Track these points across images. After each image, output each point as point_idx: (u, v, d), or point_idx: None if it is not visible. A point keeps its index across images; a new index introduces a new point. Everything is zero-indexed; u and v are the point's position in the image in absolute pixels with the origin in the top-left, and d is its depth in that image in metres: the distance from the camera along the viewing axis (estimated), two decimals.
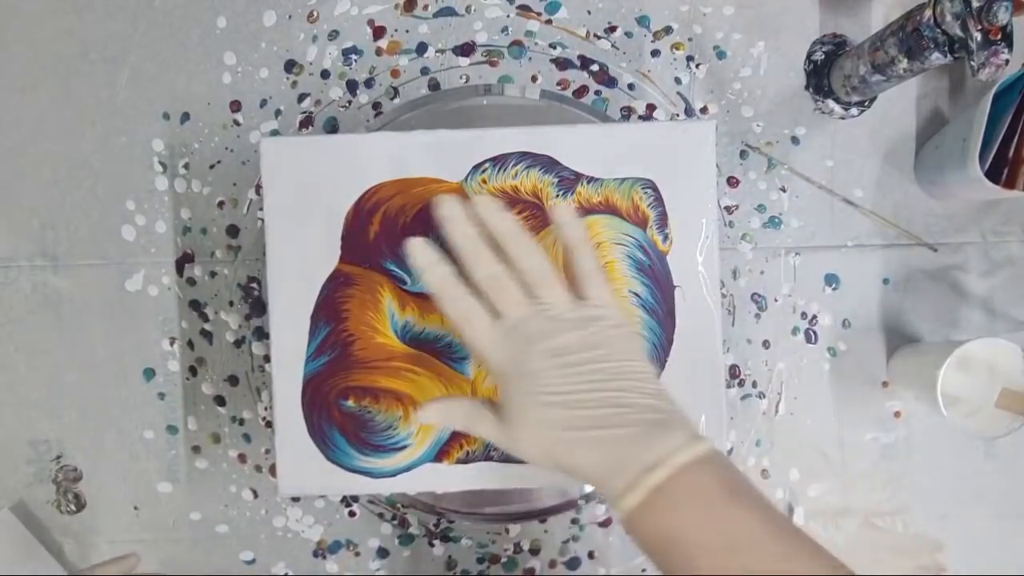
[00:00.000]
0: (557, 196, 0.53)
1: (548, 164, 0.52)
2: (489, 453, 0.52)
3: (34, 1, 0.58)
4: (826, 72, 0.58)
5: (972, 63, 0.44)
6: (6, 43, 0.59)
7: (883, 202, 0.59)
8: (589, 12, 0.60)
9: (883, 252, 0.59)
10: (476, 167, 0.52)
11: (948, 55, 0.46)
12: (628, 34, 0.60)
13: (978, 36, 0.43)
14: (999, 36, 0.43)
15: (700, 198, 0.53)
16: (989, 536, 0.60)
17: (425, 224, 0.52)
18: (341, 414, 0.52)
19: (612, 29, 0.60)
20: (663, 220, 0.53)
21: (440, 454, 0.52)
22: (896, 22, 0.49)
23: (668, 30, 0.59)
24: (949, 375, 0.51)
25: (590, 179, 0.53)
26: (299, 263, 0.52)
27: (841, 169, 0.60)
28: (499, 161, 0.52)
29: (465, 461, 0.52)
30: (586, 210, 0.53)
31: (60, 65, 0.59)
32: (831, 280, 0.60)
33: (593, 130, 0.53)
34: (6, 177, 0.60)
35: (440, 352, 0.52)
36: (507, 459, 0.52)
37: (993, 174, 0.50)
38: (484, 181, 0.52)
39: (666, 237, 0.53)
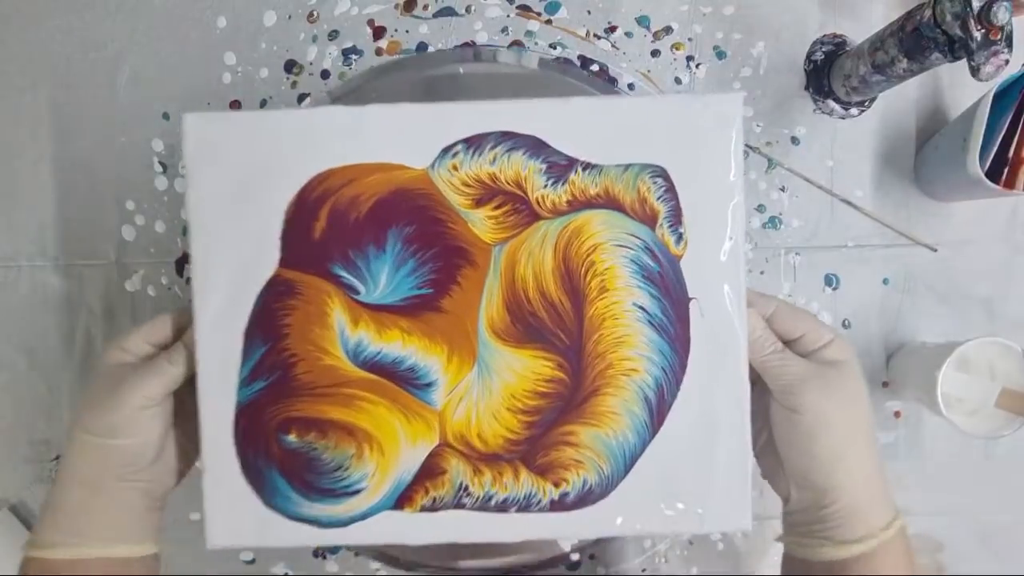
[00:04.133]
0: (546, 186, 0.43)
1: (534, 147, 0.42)
2: (461, 500, 0.43)
3: (34, 1, 0.59)
4: (826, 72, 0.57)
5: (972, 63, 0.44)
6: (6, 43, 0.60)
7: (883, 202, 0.59)
8: (589, 12, 0.59)
9: (883, 252, 0.59)
10: (446, 150, 0.43)
11: (948, 55, 0.45)
12: (628, 34, 0.59)
13: (978, 36, 0.43)
14: (999, 36, 0.43)
15: (723, 189, 0.43)
16: (989, 536, 0.60)
17: (383, 220, 0.42)
18: (281, 451, 0.43)
19: (612, 29, 0.59)
20: (676, 216, 0.43)
21: (402, 500, 0.43)
22: (896, 22, 0.49)
23: (668, 30, 0.59)
24: (949, 375, 0.51)
25: (586, 165, 0.42)
26: (230, 268, 0.43)
27: (841, 169, 0.59)
28: (474, 142, 0.42)
29: (432, 509, 0.43)
30: (580, 203, 0.43)
31: (60, 65, 0.60)
32: (831, 280, 0.60)
33: (591, 104, 0.43)
34: (6, 177, 0.60)
35: (401, 377, 0.43)
36: (483, 507, 0.43)
37: (993, 174, 0.50)
38: (455, 167, 0.43)
39: (680, 238, 0.43)
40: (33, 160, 0.60)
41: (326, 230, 0.43)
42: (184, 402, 0.44)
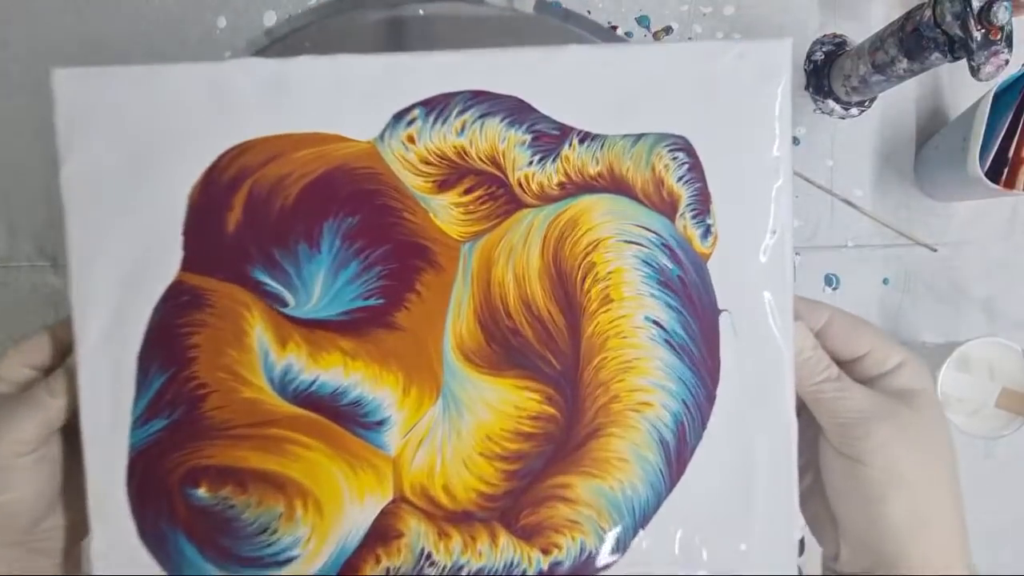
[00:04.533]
0: (531, 163, 0.32)
1: (516, 111, 0.32)
2: (422, 570, 0.33)
3: (35, 1, 0.58)
4: (826, 72, 0.57)
5: (972, 63, 0.44)
6: (7, 43, 0.59)
7: (883, 202, 0.59)
8: (589, 12, 0.56)
9: (883, 252, 0.59)
10: (399, 116, 0.32)
11: (948, 55, 0.46)
12: (628, 34, 0.57)
13: (978, 36, 0.43)
14: (999, 36, 0.43)
15: (764, 167, 0.32)
16: (989, 536, 0.59)
17: (317, 209, 0.32)
18: (189, 509, 0.33)
19: (612, 29, 0.57)
20: (703, 203, 0.32)
21: (346, 572, 0.33)
22: (896, 22, 0.49)
23: (668, 30, 0.58)
24: (949, 375, 0.51)
25: (584, 136, 0.32)
26: (117, 272, 0.33)
27: (841, 169, 0.59)
28: (436, 105, 0.32)
29: None
30: (577, 186, 0.32)
31: (61, 65, 0.55)
32: (831, 280, 0.59)
33: (590, 55, 0.32)
34: (6, 177, 0.59)
35: (343, 414, 0.33)
36: None
37: (993, 174, 0.50)
38: (411, 139, 0.32)
39: (707, 231, 0.33)
40: (33, 160, 0.58)
41: (242, 222, 0.32)
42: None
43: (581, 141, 0.32)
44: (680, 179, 0.32)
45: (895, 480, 0.31)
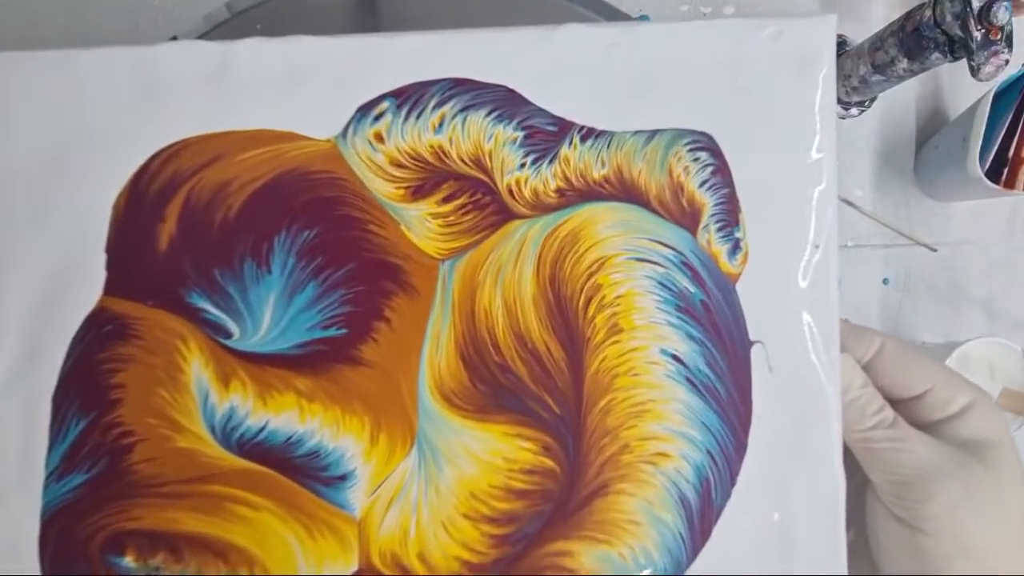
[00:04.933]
0: (523, 165, 0.27)
1: (505, 103, 0.27)
2: None
3: (34, 1, 0.58)
4: None
5: (972, 63, 0.44)
6: (6, 43, 0.58)
7: (883, 202, 0.59)
8: None
9: (883, 252, 0.59)
10: (364, 110, 0.27)
11: (948, 55, 0.46)
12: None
13: (978, 36, 0.43)
14: (999, 36, 0.43)
15: (804, 169, 0.27)
16: None
17: (267, 221, 0.27)
18: None
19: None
20: (731, 213, 0.27)
21: None
22: (896, 22, 0.49)
23: None
24: None
25: (588, 133, 0.27)
26: (27, 296, 0.27)
27: (841, 169, 0.57)
28: (409, 96, 0.27)
29: None
30: (579, 193, 0.27)
31: None
32: None
33: (595, 34, 0.27)
34: None
35: (298, 467, 0.27)
36: None
37: (993, 174, 0.50)
38: (379, 137, 0.27)
39: (736, 246, 0.27)
40: None
41: (177, 237, 0.27)
42: None
43: (583, 139, 0.27)
44: (703, 184, 0.27)
45: (963, 553, 0.26)
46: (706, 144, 0.27)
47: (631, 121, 0.27)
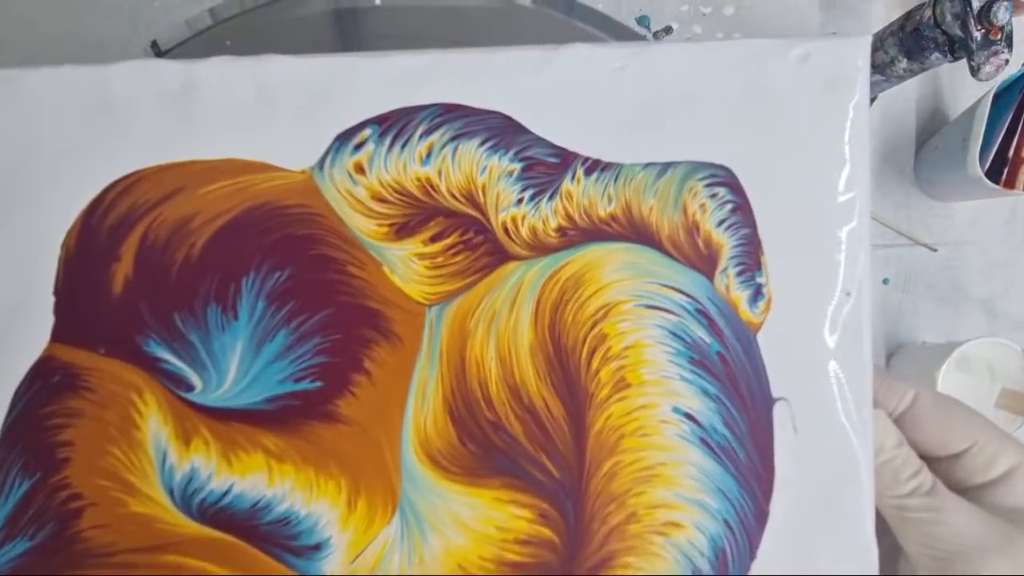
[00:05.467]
0: (521, 201, 0.24)
1: (500, 131, 0.24)
2: None
3: (34, 2, 0.57)
4: None
5: (972, 63, 0.44)
6: (6, 44, 0.57)
7: (883, 202, 0.59)
8: None
9: (883, 252, 0.59)
10: (344, 137, 0.24)
11: (948, 55, 0.46)
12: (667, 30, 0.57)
13: (978, 36, 0.43)
14: (999, 36, 0.43)
15: (833, 207, 0.24)
16: None
17: (234, 261, 0.24)
18: None
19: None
20: (751, 256, 0.24)
21: None
22: (896, 22, 0.49)
23: (668, 30, 0.58)
24: (949, 375, 0.51)
25: (593, 165, 0.24)
26: None
27: None
28: (394, 123, 0.24)
29: None
30: (582, 233, 0.24)
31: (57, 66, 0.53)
32: None
33: (601, 55, 0.24)
34: None
35: (267, 536, 0.24)
36: None
37: (993, 174, 0.51)
38: (359, 169, 0.24)
39: (758, 293, 0.24)
40: None
41: (133, 279, 0.24)
42: None
43: (588, 172, 0.24)
44: (721, 223, 0.24)
45: None
46: (725, 179, 0.24)
47: (641, 152, 0.24)
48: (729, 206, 0.24)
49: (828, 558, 0.24)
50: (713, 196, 0.24)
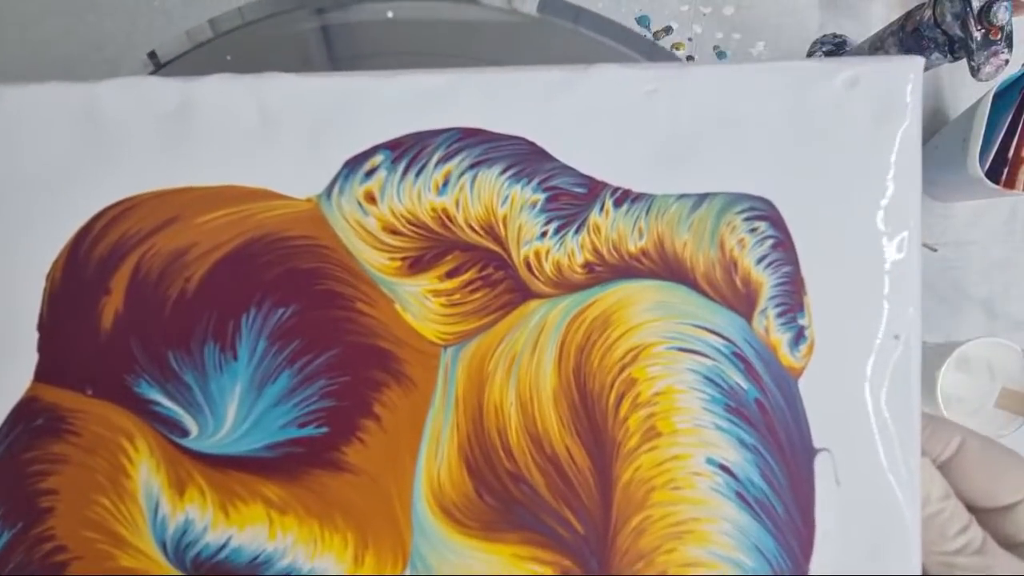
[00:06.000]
0: (544, 235, 0.22)
1: (523, 159, 0.22)
2: None
3: (34, 2, 0.57)
4: None
5: (972, 63, 0.44)
6: (5, 44, 0.58)
7: None
8: None
9: None
10: (354, 163, 0.22)
11: (948, 55, 0.46)
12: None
13: (978, 36, 0.44)
14: (999, 36, 0.43)
15: (881, 245, 0.22)
16: None
17: (234, 296, 0.22)
18: None
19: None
20: (793, 296, 0.22)
21: None
22: (896, 22, 0.49)
23: (668, 30, 0.58)
24: (949, 375, 0.51)
25: (623, 195, 0.22)
26: None
27: None
28: (407, 149, 0.22)
29: None
30: (611, 269, 0.22)
31: (60, 66, 0.59)
32: None
33: (632, 77, 0.22)
34: None
35: None
36: None
37: (993, 174, 0.51)
38: (370, 198, 0.22)
39: (800, 336, 0.22)
40: None
41: (124, 314, 0.22)
42: None
43: (617, 203, 0.22)
44: (761, 260, 0.22)
45: None
46: (765, 212, 0.22)
47: (675, 183, 0.22)
48: (770, 241, 0.22)
49: None
50: (753, 231, 0.22)
